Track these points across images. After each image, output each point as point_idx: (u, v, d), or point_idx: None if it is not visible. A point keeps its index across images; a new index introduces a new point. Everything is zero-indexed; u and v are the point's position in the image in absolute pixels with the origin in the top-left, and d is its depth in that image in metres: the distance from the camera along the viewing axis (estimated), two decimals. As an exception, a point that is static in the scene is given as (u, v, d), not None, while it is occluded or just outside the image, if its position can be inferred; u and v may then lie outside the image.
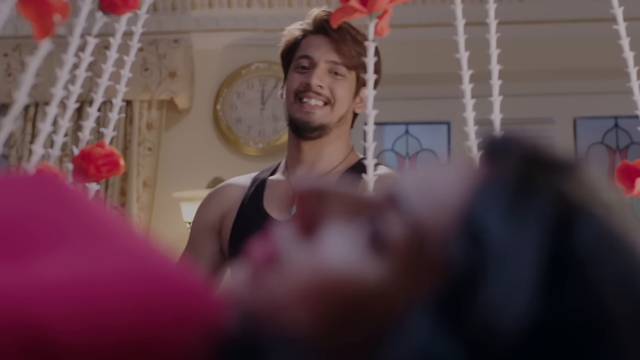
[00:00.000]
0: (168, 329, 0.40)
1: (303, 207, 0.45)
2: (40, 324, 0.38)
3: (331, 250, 0.42)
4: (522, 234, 0.39)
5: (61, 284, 0.40)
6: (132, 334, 0.39)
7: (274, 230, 0.46)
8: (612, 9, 1.37)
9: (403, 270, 0.41)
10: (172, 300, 0.41)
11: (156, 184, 3.52)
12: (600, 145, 3.56)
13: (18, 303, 0.38)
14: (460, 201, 0.41)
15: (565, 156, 0.43)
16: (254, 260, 0.46)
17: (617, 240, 0.40)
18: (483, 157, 0.44)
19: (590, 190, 0.42)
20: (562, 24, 3.49)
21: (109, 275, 0.41)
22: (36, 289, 0.39)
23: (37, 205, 0.47)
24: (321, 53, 1.62)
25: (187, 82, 3.57)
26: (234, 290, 0.45)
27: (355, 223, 0.43)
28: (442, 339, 0.38)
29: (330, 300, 0.41)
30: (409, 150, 3.64)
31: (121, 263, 0.43)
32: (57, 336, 0.38)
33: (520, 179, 0.41)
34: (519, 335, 0.37)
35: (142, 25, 1.48)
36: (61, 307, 0.39)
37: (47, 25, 1.10)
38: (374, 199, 0.45)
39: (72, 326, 0.38)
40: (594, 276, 0.39)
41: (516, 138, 0.44)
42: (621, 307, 0.38)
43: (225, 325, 0.43)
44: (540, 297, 0.38)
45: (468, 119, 1.33)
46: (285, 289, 0.43)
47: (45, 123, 1.32)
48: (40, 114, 3.45)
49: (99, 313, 0.39)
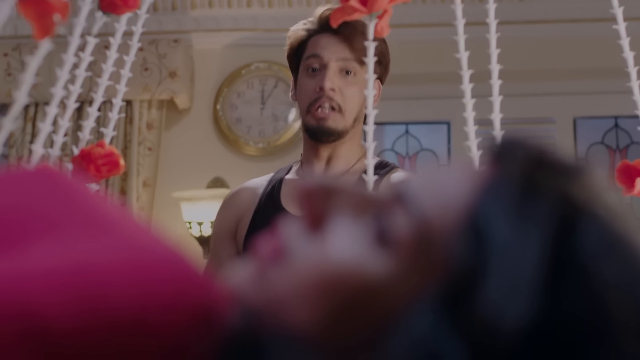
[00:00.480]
0: (166, 315, 0.41)
1: (310, 204, 0.45)
2: (38, 311, 0.38)
3: (337, 245, 0.43)
4: (526, 235, 0.39)
5: (57, 271, 0.40)
6: (129, 319, 0.40)
7: (281, 226, 0.47)
8: (612, 9, 1.37)
9: (407, 266, 0.41)
10: (170, 287, 0.41)
11: (156, 184, 3.52)
12: (600, 145, 3.56)
13: (16, 292, 0.38)
14: (466, 201, 0.42)
15: (570, 159, 0.43)
16: (260, 255, 0.46)
17: (619, 243, 0.41)
18: (489, 158, 0.44)
19: (594, 193, 0.42)
20: (562, 23, 3.49)
21: (105, 262, 0.42)
22: (32, 277, 0.39)
23: (28, 197, 0.47)
24: (331, 52, 1.62)
25: (187, 81, 3.57)
26: (238, 285, 0.45)
27: (362, 220, 0.44)
28: (443, 335, 0.38)
29: (334, 294, 0.41)
30: (409, 150, 3.64)
31: (118, 249, 0.43)
32: (54, 323, 0.38)
33: (525, 181, 0.41)
34: (519, 335, 0.37)
35: (142, 25, 1.48)
36: (58, 294, 0.39)
37: (47, 25, 1.10)
38: (381, 197, 0.45)
39: (69, 312, 0.38)
40: (596, 278, 0.39)
41: (522, 140, 0.44)
42: (622, 309, 0.39)
43: (226, 319, 0.43)
44: (541, 297, 0.38)
45: (468, 119, 1.33)
46: (289, 282, 0.43)
47: (45, 123, 1.32)
48: (40, 113, 3.45)
49: (96, 298, 0.39)
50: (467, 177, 0.43)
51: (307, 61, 1.64)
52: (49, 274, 0.40)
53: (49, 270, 0.40)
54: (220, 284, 0.45)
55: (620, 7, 1.37)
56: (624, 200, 0.44)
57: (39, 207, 0.46)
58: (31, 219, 0.45)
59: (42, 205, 0.47)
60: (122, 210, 0.49)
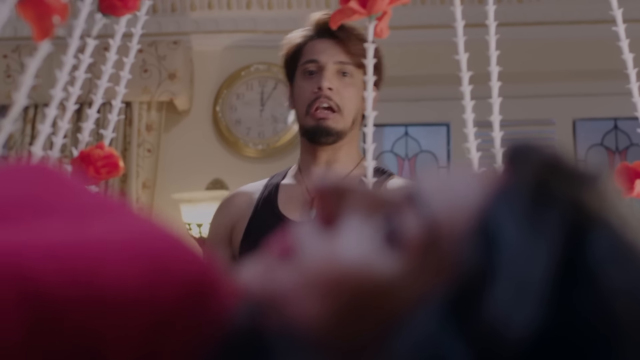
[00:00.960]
0: (163, 292, 0.41)
1: (322, 203, 0.46)
2: (33, 277, 0.38)
3: (346, 244, 0.43)
4: (536, 240, 0.39)
5: (56, 243, 0.41)
6: (126, 295, 0.40)
7: (291, 228, 0.47)
8: (611, 11, 1.37)
9: (415, 267, 0.41)
10: (168, 265, 0.42)
11: (155, 186, 3.52)
12: (600, 146, 3.56)
13: (11, 256, 0.39)
14: (477, 204, 0.42)
15: (584, 167, 0.44)
16: (270, 253, 0.46)
17: (630, 252, 0.41)
18: (503, 163, 0.45)
19: (606, 201, 0.42)
20: (561, 25, 3.49)
21: (104, 239, 0.42)
22: (29, 246, 0.40)
23: (24, 189, 0.48)
24: (328, 55, 1.62)
25: (186, 83, 3.58)
26: (246, 280, 0.46)
27: (373, 219, 0.44)
28: (449, 338, 0.38)
29: (341, 292, 0.41)
30: (408, 152, 3.64)
31: (117, 231, 0.43)
32: (48, 290, 0.38)
33: (537, 187, 0.41)
34: (525, 341, 0.37)
35: (141, 27, 1.48)
36: (54, 263, 0.39)
37: (46, 27, 1.10)
38: (393, 198, 0.45)
39: (65, 282, 0.39)
40: (606, 286, 0.39)
41: (536, 146, 0.44)
42: (631, 318, 0.38)
43: (229, 311, 0.43)
44: (549, 303, 0.38)
45: (467, 121, 1.33)
46: (296, 279, 0.43)
47: (44, 124, 1.32)
48: (40, 115, 3.45)
49: (93, 272, 0.40)
50: (479, 181, 0.44)
51: (304, 66, 1.64)
52: (48, 245, 0.40)
53: (48, 242, 0.41)
54: (227, 278, 0.45)
55: (619, 9, 1.37)
56: (635, 208, 0.44)
57: (35, 198, 0.47)
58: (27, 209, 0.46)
59: (38, 196, 0.47)
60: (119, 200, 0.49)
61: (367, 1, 1.20)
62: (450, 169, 0.48)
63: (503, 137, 1.30)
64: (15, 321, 0.37)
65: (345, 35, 1.61)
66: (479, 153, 1.28)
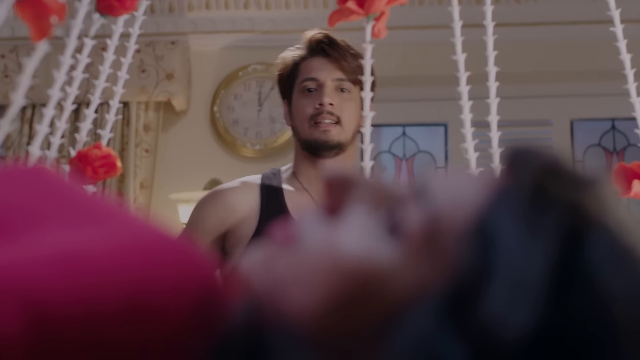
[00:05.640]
0: (164, 298, 0.41)
1: (328, 193, 0.46)
2: (41, 299, 0.38)
3: (347, 232, 0.43)
4: (533, 242, 0.39)
5: (54, 258, 0.41)
6: (127, 303, 0.40)
7: (297, 216, 0.48)
8: (609, 11, 1.37)
9: (414, 259, 0.42)
10: (167, 271, 0.42)
11: (153, 186, 3.52)
12: (597, 147, 3.57)
13: (17, 279, 0.39)
14: (478, 204, 0.42)
15: (582, 170, 0.44)
16: (272, 242, 0.46)
17: (628, 255, 0.41)
18: (504, 165, 0.45)
19: (605, 205, 0.43)
20: (559, 26, 3.49)
21: (102, 247, 0.42)
22: (30, 265, 0.40)
23: (18, 193, 0.48)
24: (326, 73, 1.64)
25: (184, 83, 3.57)
26: (247, 271, 0.46)
27: (377, 211, 0.45)
28: (445, 336, 0.38)
29: (338, 280, 0.42)
30: (405, 152, 3.64)
31: (113, 236, 0.43)
32: (57, 310, 0.38)
33: (536, 189, 0.42)
34: (521, 342, 0.37)
35: (139, 27, 1.48)
36: (59, 281, 0.39)
37: (44, 27, 1.10)
38: (398, 192, 0.46)
39: (68, 298, 0.39)
40: (602, 289, 0.39)
41: (535, 149, 0.45)
42: (628, 321, 0.39)
43: (228, 309, 0.43)
44: (546, 305, 0.38)
45: (465, 121, 1.33)
46: (295, 266, 0.43)
47: (42, 124, 1.32)
48: (37, 115, 3.45)
49: (94, 284, 0.40)
50: (484, 181, 0.44)
51: (303, 84, 1.66)
52: (47, 261, 0.40)
53: (46, 258, 0.40)
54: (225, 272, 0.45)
55: (617, 10, 1.37)
56: (638, 215, 0.45)
57: (29, 203, 0.47)
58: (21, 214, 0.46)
59: (32, 200, 0.47)
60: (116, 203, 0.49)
61: (364, 1, 1.20)
62: (450, 169, 0.48)
63: (500, 138, 1.30)
64: (17, 342, 0.37)
65: (340, 53, 1.64)
66: (476, 153, 1.28)
